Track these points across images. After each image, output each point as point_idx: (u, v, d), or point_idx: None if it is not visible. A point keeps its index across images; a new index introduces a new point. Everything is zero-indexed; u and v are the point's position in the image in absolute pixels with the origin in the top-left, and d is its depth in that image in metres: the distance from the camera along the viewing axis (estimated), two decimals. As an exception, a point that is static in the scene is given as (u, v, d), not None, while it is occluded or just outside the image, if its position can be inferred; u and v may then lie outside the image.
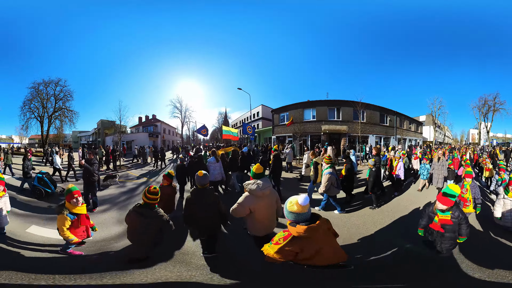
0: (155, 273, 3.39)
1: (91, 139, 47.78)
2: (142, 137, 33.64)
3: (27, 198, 7.73)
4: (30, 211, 6.52)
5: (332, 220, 2.52)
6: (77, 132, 50.85)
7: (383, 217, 5.87)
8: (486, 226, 5.03)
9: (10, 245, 4.29)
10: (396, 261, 3.85)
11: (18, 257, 3.94)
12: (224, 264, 3.78)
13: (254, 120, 35.03)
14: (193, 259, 3.91)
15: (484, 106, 28.85)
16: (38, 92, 24.76)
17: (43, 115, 25.07)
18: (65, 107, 26.01)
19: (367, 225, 5.44)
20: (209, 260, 3.84)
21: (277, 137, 25.98)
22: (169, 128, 40.28)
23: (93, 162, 7.44)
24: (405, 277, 3.36)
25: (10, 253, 4.04)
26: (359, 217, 5.93)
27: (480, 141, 32.58)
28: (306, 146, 20.58)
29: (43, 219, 5.90)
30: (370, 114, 23.71)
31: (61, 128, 27.98)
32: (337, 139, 22.79)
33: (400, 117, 26.99)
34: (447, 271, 3.48)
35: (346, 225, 5.48)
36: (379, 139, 24.26)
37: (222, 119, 52.45)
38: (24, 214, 6.29)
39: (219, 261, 3.84)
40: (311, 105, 24.07)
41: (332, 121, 23.23)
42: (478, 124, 31.06)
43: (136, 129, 38.18)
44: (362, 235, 4.89)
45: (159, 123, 37.72)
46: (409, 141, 27.96)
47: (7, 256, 3.96)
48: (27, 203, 7.31)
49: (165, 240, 3.80)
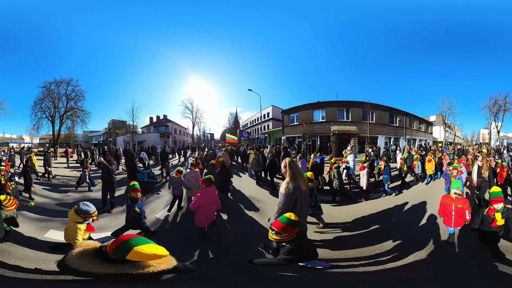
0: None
1: (101, 139, 48.67)
2: (153, 138, 34.25)
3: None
4: (47, 215, 6.51)
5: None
6: (87, 132, 51.81)
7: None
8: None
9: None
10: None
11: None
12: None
13: (264, 120, 35.41)
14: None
15: (494, 105, 28.53)
16: (50, 91, 24.66)
17: (54, 114, 25.00)
18: (76, 107, 25.82)
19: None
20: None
21: (287, 137, 26.36)
22: (180, 129, 40.81)
23: (111, 163, 7.51)
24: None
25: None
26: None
27: (490, 141, 32.30)
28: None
29: (61, 223, 5.87)
30: (379, 114, 23.85)
31: (72, 128, 27.57)
32: (347, 139, 23.04)
33: (409, 117, 27.02)
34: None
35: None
36: (389, 139, 24.39)
37: (233, 120, 52.97)
38: (41, 218, 6.27)
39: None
40: (321, 106, 24.33)
41: (341, 122, 23.45)
42: (488, 124, 30.82)
43: (147, 129, 38.85)
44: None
45: (170, 123, 38.22)
46: (419, 141, 27.96)
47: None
48: (44, 206, 7.24)
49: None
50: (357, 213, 6.78)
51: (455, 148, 20.55)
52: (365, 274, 3.85)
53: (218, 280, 3.63)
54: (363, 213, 6.71)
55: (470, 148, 22.63)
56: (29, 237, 5.14)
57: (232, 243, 5.12)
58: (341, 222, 6.14)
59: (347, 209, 7.14)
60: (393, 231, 5.46)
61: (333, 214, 6.62)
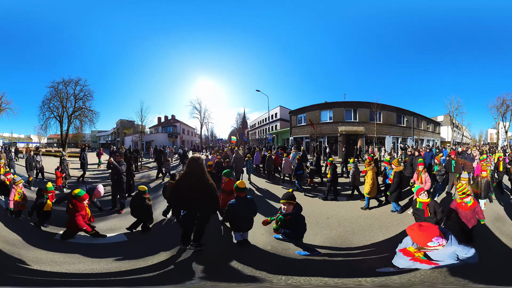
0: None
1: (109, 139, 49.36)
2: (161, 138, 34.70)
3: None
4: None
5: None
6: (96, 131, 52.56)
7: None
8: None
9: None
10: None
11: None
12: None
13: (272, 121, 35.72)
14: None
15: (502, 105, 28.41)
16: (58, 91, 24.55)
17: (62, 114, 24.92)
18: (85, 107, 25.59)
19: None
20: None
21: (295, 138, 26.65)
22: (188, 129, 41.28)
23: (121, 164, 7.49)
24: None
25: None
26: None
27: (498, 141, 32.22)
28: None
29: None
30: (387, 115, 23.98)
31: (80, 128, 27.39)
32: (354, 140, 23.23)
33: (417, 117, 27.08)
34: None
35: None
36: (396, 140, 24.52)
37: (241, 120, 53.45)
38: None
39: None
40: (328, 107, 24.51)
41: (348, 122, 23.61)
42: (496, 124, 30.73)
43: (156, 129, 39.39)
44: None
45: (178, 124, 38.64)
46: (427, 141, 28.04)
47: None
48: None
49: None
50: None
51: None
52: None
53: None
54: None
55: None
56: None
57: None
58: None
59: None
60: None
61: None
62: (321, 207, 7.38)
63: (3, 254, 4.33)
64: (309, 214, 6.62)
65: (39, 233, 5.51)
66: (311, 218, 6.39)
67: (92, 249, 4.78)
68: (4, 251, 4.41)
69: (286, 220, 3.89)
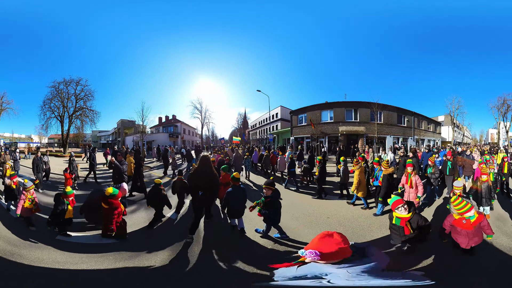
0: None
1: (110, 139, 49.46)
2: (162, 138, 34.79)
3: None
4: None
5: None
6: (96, 131, 52.63)
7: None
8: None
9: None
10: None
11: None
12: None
13: (273, 121, 35.74)
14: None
15: (503, 105, 28.42)
16: (59, 91, 24.46)
17: (63, 114, 24.80)
18: (86, 107, 25.57)
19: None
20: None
21: (295, 138, 26.67)
22: (188, 129, 41.36)
23: (122, 163, 7.57)
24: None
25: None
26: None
27: (499, 140, 32.20)
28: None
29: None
30: (388, 115, 23.99)
31: (81, 128, 27.51)
32: (355, 140, 23.26)
33: (418, 117, 27.08)
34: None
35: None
36: (397, 139, 24.52)
37: (242, 120, 53.43)
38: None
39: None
40: (329, 107, 24.53)
41: (349, 122, 23.62)
42: (497, 124, 30.71)
43: (156, 129, 39.46)
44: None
45: (179, 124, 38.69)
46: (427, 142, 28.03)
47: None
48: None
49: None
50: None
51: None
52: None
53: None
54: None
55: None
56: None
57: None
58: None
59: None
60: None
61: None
62: (321, 207, 7.41)
63: (4, 254, 4.37)
64: (309, 213, 6.76)
65: (42, 233, 5.38)
66: (312, 218, 6.48)
67: (92, 248, 4.81)
68: (5, 251, 4.44)
69: (266, 202, 4.88)
